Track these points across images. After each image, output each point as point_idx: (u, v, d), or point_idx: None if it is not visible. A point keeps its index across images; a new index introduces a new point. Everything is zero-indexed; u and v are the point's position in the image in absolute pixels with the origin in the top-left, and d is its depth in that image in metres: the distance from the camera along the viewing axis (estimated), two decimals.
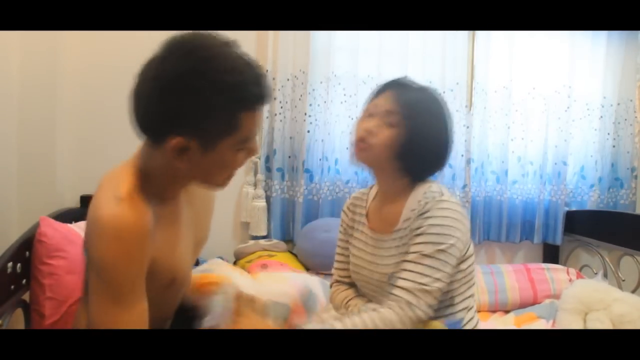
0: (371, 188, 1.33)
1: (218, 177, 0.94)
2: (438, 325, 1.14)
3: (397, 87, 1.19)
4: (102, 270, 0.84)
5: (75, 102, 1.99)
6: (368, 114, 1.20)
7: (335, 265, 1.37)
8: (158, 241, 0.91)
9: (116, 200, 0.84)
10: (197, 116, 0.83)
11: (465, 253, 1.18)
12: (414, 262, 1.10)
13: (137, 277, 0.86)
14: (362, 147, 1.18)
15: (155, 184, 0.91)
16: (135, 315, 0.86)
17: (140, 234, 0.84)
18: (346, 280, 1.35)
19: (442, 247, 1.10)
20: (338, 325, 1.04)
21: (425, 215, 1.13)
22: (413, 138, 1.13)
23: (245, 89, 0.84)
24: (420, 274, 1.09)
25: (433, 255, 1.09)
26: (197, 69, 0.81)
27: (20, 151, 1.70)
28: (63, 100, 1.91)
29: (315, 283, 1.68)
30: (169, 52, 0.84)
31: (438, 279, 1.09)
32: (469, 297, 1.23)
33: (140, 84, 0.86)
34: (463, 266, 1.18)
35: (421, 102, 1.17)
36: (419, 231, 1.12)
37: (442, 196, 1.14)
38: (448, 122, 1.20)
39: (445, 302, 1.18)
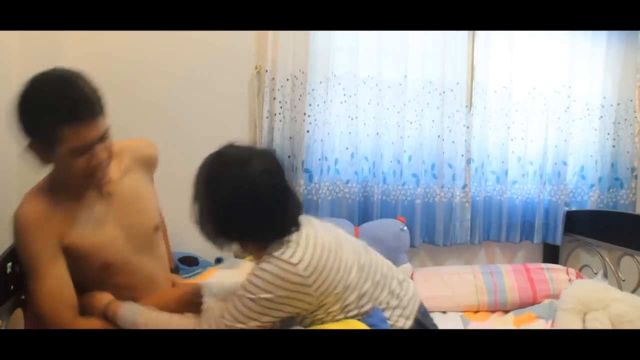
0: None
1: (77, 178, 1.14)
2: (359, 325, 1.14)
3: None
4: (21, 258, 1.14)
5: None
6: None
7: None
8: (68, 229, 1.16)
9: (23, 201, 1.16)
10: (31, 132, 1.08)
11: (322, 304, 1.14)
12: (231, 296, 1.13)
13: (41, 254, 1.13)
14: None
15: (60, 186, 1.17)
16: (49, 283, 1.14)
17: (36, 222, 1.12)
18: None
19: (251, 296, 1.10)
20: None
21: (258, 265, 1.13)
22: (201, 209, 1.16)
23: (60, 108, 1.04)
24: (228, 312, 1.12)
25: (242, 300, 1.11)
26: (29, 91, 1.06)
27: (21, 151, 1.70)
28: None
29: None
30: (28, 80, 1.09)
31: (241, 322, 1.10)
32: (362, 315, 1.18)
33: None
34: (335, 307, 1.15)
35: (201, 173, 1.19)
36: (247, 275, 1.15)
37: (274, 255, 1.11)
38: (235, 184, 1.13)
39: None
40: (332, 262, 1.15)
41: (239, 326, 1.11)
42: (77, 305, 1.19)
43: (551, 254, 2.54)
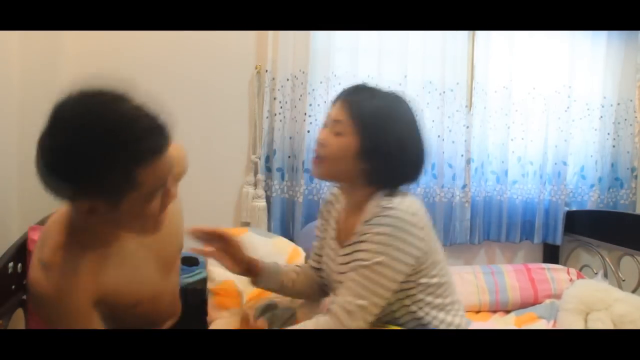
0: None
1: (138, 225, 0.94)
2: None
3: (348, 95, 1.16)
4: (48, 323, 0.94)
5: None
6: (323, 126, 1.19)
7: (313, 257, 1.38)
8: (104, 278, 0.96)
9: (41, 266, 0.91)
10: (94, 180, 0.82)
11: (424, 264, 1.13)
12: (355, 272, 1.07)
13: (76, 321, 0.92)
14: (314, 162, 1.17)
15: (87, 234, 0.94)
16: None
17: (61, 296, 0.90)
18: (315, 266, 1.36)
19: (380, 258, 1.05)
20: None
21: (370, 222, 1.08)
22: (364, 145, 1.10)
23: (137, 144, 0.82)
24: (359, 289, 1.05)
25: (371, 267, 1.05)
26: (83, 136, 0.80)
27: (21, 151, 1.70)
28: None
29: None
30: (54, 124, 0.84)
31: (375, 294, 1.05)
32: (439, 306, 1.18)
33: (39, 157, 0.84)
34: (424, 280, 1.14)
35: (373, 107, 1.12)
36: (362, 238, 1.09)
37: (391, 203, 1.08)
38: (411, 127, 1.15)
39: (400, 312, 1.16)
40: (431, 225, 1.15)
41: (375, 300, 1.05)
42: None
43: (551, 254, 2.53)
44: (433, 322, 1.17)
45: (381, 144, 1.09)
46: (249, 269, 1.28)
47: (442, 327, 1.18)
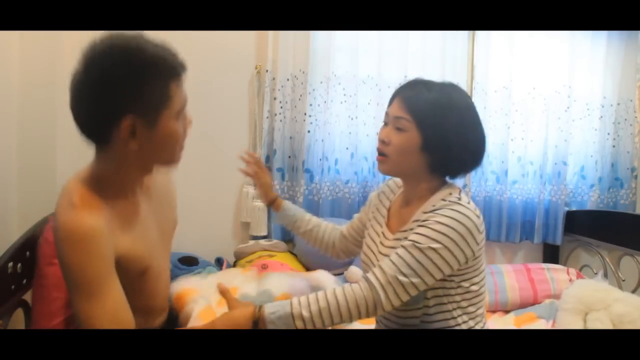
0: None
1: (168, 152, 1.02)
2: None
3: (405, 91, 1.18)
4: (70, 272, 0.93)
5: None
6: (384, 124, 1.21)
7: (349, 224, 1.46)
8: (121, 237, 0.99)
9: (71, 207, 0.93)
10: (134, 96, 0.92)
11: (471, 268, 1.14)
12: (404, 249, 1.08)
13: (101, 272, 0.93)
14: (379, 159, 1.19)
15: (109, 186, 1.00)
16: (109, 306, 0.94)
17: (96, 234, 0.92)
18: (349, 237, 1.45)
19: (435, 245, 1.06)
20: (301, 299, 1.07)
21: (435, 211, 1.10)
22: (426, 138, 1.12)
23: (168, 61, 0.95)
24: (403, 264, 1.06)
25: (425, 251, 1.06)
26: (121, 56, 0.91)
27: (21, 151, 1.70)
28: (63, 100, 1.91)
29: (330, 280, 1.68)
30: (90, 56, 0.95)
31: (417, 275, 1.05)
32: (471, 314, 1.18)
33: (75, 91, 0.95)
34: (465, 284, 1.14)
35: (430, 101, 1.13)
36: (422, 222, 1.10)
37: (460, 200, 1.11)
38: (468, 115, 1.16)
39: (434, 308, 1.15)
40: (485, 234, 1.16)
41: (415, 280, 1.05)
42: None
43: (551, 254, 2.54)
44: (462, 327, 1.16)
45: (442, 135, 1.12)
46: (272, 201, 1.56)
47: None
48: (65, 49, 1.93)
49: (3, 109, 1.61)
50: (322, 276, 1.70)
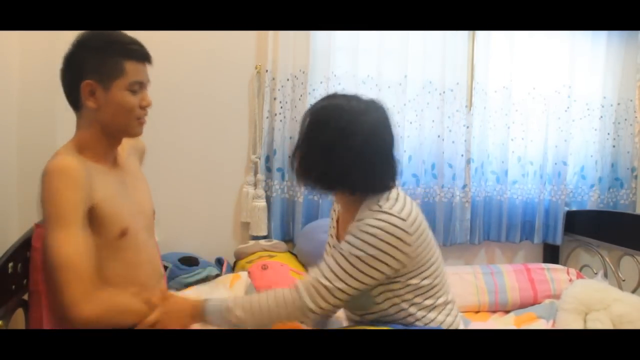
0: None
1: (123, 119, 1.20)
2: None
3: (309, 109, 1.24)
4: (47, 204, 1.09)
5: None
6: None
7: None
8: (98, 187, 1.15)
9: (53, 156, 1.15)
10: (93, 66, 1.16)
11: (413, 267, 1.17)
12: (330, 256, 1.13)
13: (74, 208, 1.09)
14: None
15: (85, 149, 1.20)
16: (74, 238, 1.08)
17: (72, 170, 1.11)
18: None
19: (358, 253, 1.10)
20: (236, 301, 1.15)
21: (360, 221, 1.13)
22: (310, 155, 1.18)
23: (125, 44, 1.18)
24: (327, 269, 1.11)
25: (347, 258, 1.10)
26: (89, 38, 1.18)
27: (21, 151, 1.70)
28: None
29: None
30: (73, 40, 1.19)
31: (341, 280, 1.09)
32: (429, 307, 1.22)
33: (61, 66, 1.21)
34: (413, 281, 1.18)
35: (314, 119, 1.18)
36: (348, 231, 1.14)
37: (382, 208, 1.13)
38: (354, 131, 1.13)
39: (391, 309, 1.20)
40: (424, 227, 1.18)
41: (339, 285, 1.10)
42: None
43: (551, 254, 2.54)
44: (423, 321, 1.20)
45: (324, 153, 1.15)
46: None
47: (432, 325, 1.20)
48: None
49: (3, 109, 1.61)
50: None
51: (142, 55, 1.20)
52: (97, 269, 1.11)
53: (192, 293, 1.60)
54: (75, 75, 1.17)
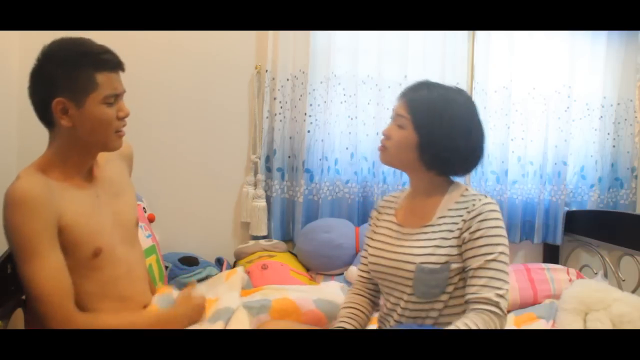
0: (403, 191, 1.38)
1: (100, 134, 1.14)
2: None
3: (409, 91, 1.25)
4: (12, 235, 1.06)
5: None
6: (390, 119, 1.30)
7: (360, 267, 1.40)
8: (66, 211, 1.10)
9: (15, 180, 1.08)
10: (64, 82, 1.08)
11: None
12: (484, 269, 1.13)
13: (40, 234, 1.05)
14: (380, 149, 1.29)
15: (55, 167, 1.13)
16: (48, 267, 1.05)
17: (34, 198, 1.05)
18: (365, 277, 1.38)
19: (500, 248, 1.14)
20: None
21: (480, 218, 1.16)
22: (421, 137, 1.20)
23: (96, 54, 1.11)
24: (495, 280, 1.12)
25: (497, 259, 1.14)
26: (55, 51, 1.10)
27: (21, 151, 1.70)
28: None
29: (337, 290, 1.62)
30: (41, 56, 1.12)
31: (505, 280, 1.13)
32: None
33: (29, 82, 1.13)
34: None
35: (428, 103, 1.21)
36: (477, 234, 1.15)
37: (487, 199, 1.19)
38: (466, 121, 1.22)
39: (454, 300, 1.19)
40: None
41: (508, 286, 1.13)
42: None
43: (551, 254, 2.53)
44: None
45: (436, 136, 1.19)
46: None
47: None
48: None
49: (3, 109, 1.61)
50: (328, 287, 1.65)
51: (114, 65, 1.13)
52: (73, 288, 1.10)
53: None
54: (45, 92, 1.10)
